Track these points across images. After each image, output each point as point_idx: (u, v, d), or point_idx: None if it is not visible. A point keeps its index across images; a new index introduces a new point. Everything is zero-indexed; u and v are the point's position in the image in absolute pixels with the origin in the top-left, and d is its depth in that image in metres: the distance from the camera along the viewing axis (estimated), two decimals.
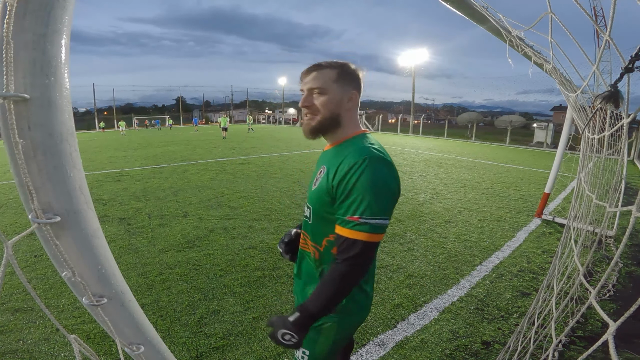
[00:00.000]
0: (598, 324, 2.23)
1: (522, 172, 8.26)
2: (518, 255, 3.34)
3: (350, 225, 0.81)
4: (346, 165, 0.85)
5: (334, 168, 0.88)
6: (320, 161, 1.03)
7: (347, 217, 0.82)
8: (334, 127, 0.95)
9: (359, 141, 0.92)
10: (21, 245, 3.33)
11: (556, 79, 2.90)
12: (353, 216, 0.81)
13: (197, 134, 21.82)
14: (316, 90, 0.92)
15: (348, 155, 0.87)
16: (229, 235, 3.70)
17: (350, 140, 0.95)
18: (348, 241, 0.82)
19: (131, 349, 0.48)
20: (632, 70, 0.94)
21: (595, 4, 23.97)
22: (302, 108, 0.96)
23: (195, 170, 7.80)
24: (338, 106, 0.93)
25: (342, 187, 0.84)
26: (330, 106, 0.92)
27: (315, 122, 0.94)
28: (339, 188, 0.85)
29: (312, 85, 0.92)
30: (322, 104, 0.92)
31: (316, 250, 0.97)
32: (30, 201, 0.34)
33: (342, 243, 0.83)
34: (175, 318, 2.23)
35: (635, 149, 11.36)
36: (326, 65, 0.93)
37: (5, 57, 0.30)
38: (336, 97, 0.93)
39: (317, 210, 0.94)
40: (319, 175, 0.95)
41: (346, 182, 0.83)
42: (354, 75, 0.95)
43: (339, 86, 0.93)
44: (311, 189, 0.98)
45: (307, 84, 0.93)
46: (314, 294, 0.84)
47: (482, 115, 26.87)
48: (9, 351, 1.91)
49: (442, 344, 2.02)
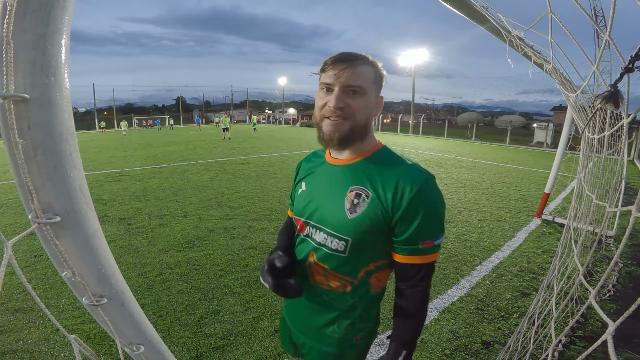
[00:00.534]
0: (598, 324, 2.23)
1: (522, 172, 8.26)
2: (518, 255, 3.34)
3: (428, 251, 0.77)
4: (408, 191, 0.73)
5: (387, 192, 0.75)
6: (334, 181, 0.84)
7: (422, 244, 0.76)
8: (361, 137, 0.81)
9: (394, 157, 0.82)
10: (21, 245, 3.33)
11: (556, 79, 2.90)
12: (427, 241, 0.76)
13: (198, 134, 21.82)
14: (355, 88, 0.76)
15: (402, 177, 0.75)
16: (229, 235, 3.70)
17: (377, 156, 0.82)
18: (426, 266, 0.78)
19: (131, 349, 0.48)
20: (632, 70, 0.94)
21: (595, 4, 23.98)
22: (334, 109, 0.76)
23: (195, 170, 7.80)
24: (371, 112, 0.81)
25: (410, 214, 0.74)
26: (367, 111, 0.79)
27: (347, 128, 0.77)
28: (405, 216, 0.74)
29: (351, 83, 0.75)
30: (359, 108, 0.76)
31: (348, 284, 0.84)
32: (30, 201, 0.34)
33: (420, 270, 0.78)
34: (175, 318, 2.23)
35: (635, 149, 11.37)
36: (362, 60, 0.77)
37: (5, 57, 0.30)
38: (372, 101, 0.80)
39: (360, 241, 0.79)
40: (357, 200, 0.78)
41: (415, 208, 0.74)
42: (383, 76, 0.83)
43: (375, 88, 0.80)
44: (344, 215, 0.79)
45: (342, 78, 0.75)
46: (407, 327, 0.81)
47: (482, 115, 26.85)
48: (9, 351, 1.91)
49: (442, 344, 2.02)
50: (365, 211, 0.76)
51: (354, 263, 0.82)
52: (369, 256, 0.81)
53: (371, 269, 0.83)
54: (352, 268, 0.82)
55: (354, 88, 0.75)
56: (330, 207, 0.82)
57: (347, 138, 0.78)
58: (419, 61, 27.55)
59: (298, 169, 1.02)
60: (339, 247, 0.80)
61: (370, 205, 0.76)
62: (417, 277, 0.79)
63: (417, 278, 0.79)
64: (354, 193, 0.79)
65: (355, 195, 0.78)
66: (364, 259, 0.82)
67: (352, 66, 0.75)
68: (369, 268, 0.83)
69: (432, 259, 0.78)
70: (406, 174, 0.76)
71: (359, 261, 0.82)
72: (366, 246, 0.79)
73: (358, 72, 0.75)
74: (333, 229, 0.81)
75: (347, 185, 0.80)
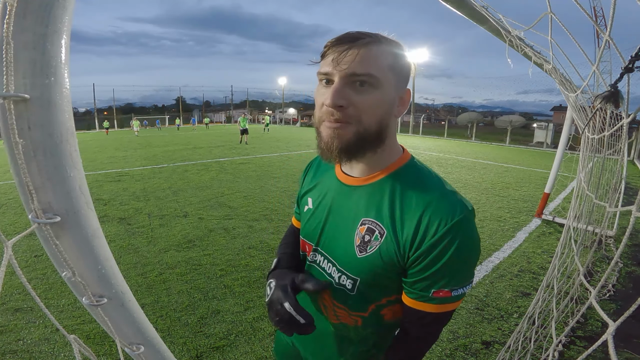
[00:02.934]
0: (598, 324, 2.23)
1: (522, 172, 8.26)
2: (518, 255, 3.34)
3: (437, 301, 0.59)
4: (435, 226, 0.55)
5: (406, 230, 0.58)
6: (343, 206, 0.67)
7: (433, 292, 0.58)
8: (373, 147, 0.60)
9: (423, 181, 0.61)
10: (21, 245, 3.33)
11: (556, 79, 2.90)
12: (441, 290, 0.58)
13: (196, 134, 21.82)
14: (362, 78, 0.54)
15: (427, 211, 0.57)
16: (229, 235, 3.70)
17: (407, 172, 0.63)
18: (432, 316, 0.60)
19: (131, 349, 0.48)
20: (632, 70, 0.94)
21: (595, 4, 23.98)
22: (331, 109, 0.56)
23: (195, 170, 7.80)
24: (389, 112, 0.59)
25: (430, 257, 0.56)
26: (380, 111, 0.57)
27: (350, 136, 0.57)
28: (423, 258, 0.57)
29: (355, 70, 0.54)
30: (368, 106, 0.56)
31: (358, 318, 0.70)
32: (30, 201, 0.34)
33: (423, 318, 0.61)
34: (175, 318, 2.23)
35: (635, 149, 11.37)
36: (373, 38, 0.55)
37: (5, 57, 0.30)
38: (389, 95, 0.57)
39: (370, 281, 0.64)
40: (369, 236, 0.61)
41: (439, 251, 0.56)
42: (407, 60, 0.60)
43: (395, 78, 0.57)
44: (353, 253, 0.64)
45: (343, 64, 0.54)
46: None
47: (482, 115, 26.90)
48: (9, 351, 1.91)
49: (442, 344, 2.02)
50: (376, 251, 0.61)
51: (363, 301, 0.67)
52: (381, 293, 0.67)
53: (383, 303, 0.68)
54: (360, 305, 0.68)
55: (361, 77, 0.54)
56: (338, 238, 0.67)
57: (350, 149, 0.58)
58: (419, 61, 27.54)
59: (305, 174, 0.84)
60: (347, 284, 0.66)
61: (384, 244, 0.60)
62: (419, 324, 0.63)
63: (419, 325, 0.63)
64: (365, 227, 0.62)
65: (367, 231, 0.62)
66: (375, 296, 0.67)
67: (358, 46, 0.54)
68: (380, 302, 0.68)
69: (445, 309, 0.60)
70: (437, 206, 0.57)
71: (369, 298, 0.67)
72: (377, 285, 0.65)
73: (367, 55, 0.54)
74: (341, 265, 0.67)
75: (359, 215, 0.63)
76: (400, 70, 0.59)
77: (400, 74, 0.59)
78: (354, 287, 0.66)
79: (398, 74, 0.58)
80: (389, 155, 0.64)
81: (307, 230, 0.75)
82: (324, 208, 0.71)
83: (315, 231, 0.72)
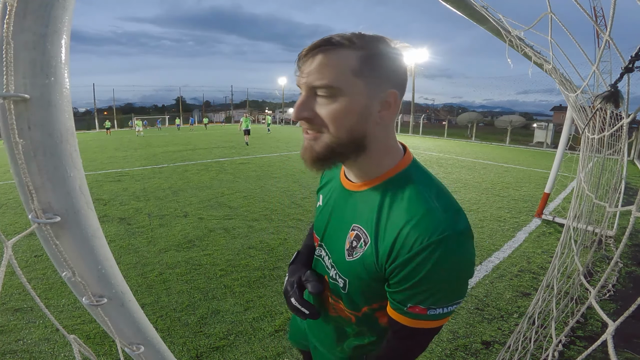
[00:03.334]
0: (598, 324, 2.23)
1: (522, 172, 8.26)
2: (518, 255, 3.34)
3: (412, 316, 0.58)
4: (408, 247, 0.53)
5: (386, 242, 0.57)
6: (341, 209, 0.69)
7: (409, 307, 0.57)
8: (355, 155, 0.59)
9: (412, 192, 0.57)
10: (21, 245, 3.33)
11: (556, 79, 2.90)
12: (417, 306, 0.56)
13: (195, 134, 21.82)
14: (321, 90, 0.53)
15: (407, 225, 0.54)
16: (229, 235, 3.70)
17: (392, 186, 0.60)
18: (408, 330, 0.59)
19: (131, 349, 0.48)
20: (632, 70, 0.94)
21: (595, 4, 23.98)
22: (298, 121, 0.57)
23: (195, 170, 7.80)
24: (363, 120, 0.55)
25: (402, 273, 0.55)
26: (344, 120, 0.54)
27: (322, 146, 0.56)
28: (396, 273, 0.56)
29: (313, 82, 0.53)
30: (332, 117, 0.53)
31: (352, 316, 0.72)
32: (30, 201, 0.34)
33: (401, 330, 0.61)
34: (175, 318, 2.23)
35: (635, 149, 11.36)
36: (340, 41, 0.52)
37: (5, 57, 0.30)
38: (358, 103, 0.53)
39: (358, 285, 0.65)
40: (356, 242, 0.63)
41: (411, 270, 0.54)
42: (387, 59, 0.54)
43: (363, 82, 0.53)
44: (342, 256, 0.66)
45: (304, 76, 0.54)
46: None
47: (482, 115, 26.88)
48: (9, 351, 1.91)
49: (442, 344, 2.02)
50: (360, 258, 0.62)
51: (355, 302, 0.69)
52: (371, 297, 0.67)
53: (375, 307, 0.68)
54: (353, 305, 0.70)
55: (320, 90, 0.53)
56: (335, 238, 0.69)
57: (322, 160, 0.57)
58: (419, 61, 27.54)
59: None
60: (340, 283, 0.69)
61: (366, 253, 0.60)
62: (398, 336, 0.63)
63: (397, 337, 0.63)
64: (354, 233, 0.63)
65: (355, 237, 0.63)
66: (365, 300, 0.68)
67: (315, 55, 0.52)
68: (372, 307, 0.68)
69: (421, 325, 0.58)
70: (418, 222, 0.54)
71: (360, 301, 0.68)
72: (365, 290, 0.66)
73: (324, 64, 0.51)
74: (335, 263, 0.69)
75: (352, 220, 0.64)
76: (376, 71, 0.53)
77: (376, 76, 0.54)
78: (345, 287, 0.68)
79: (371, 76, 0.53)
80: (384, 162, 0.61)
81: (316, 225, 0.79)
82: (329, 207, 0.74)
83: (321, 228, 0.75)
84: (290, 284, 0.76)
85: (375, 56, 0.53)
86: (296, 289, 0.74)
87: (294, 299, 0.73)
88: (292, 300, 0.74)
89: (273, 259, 3.11)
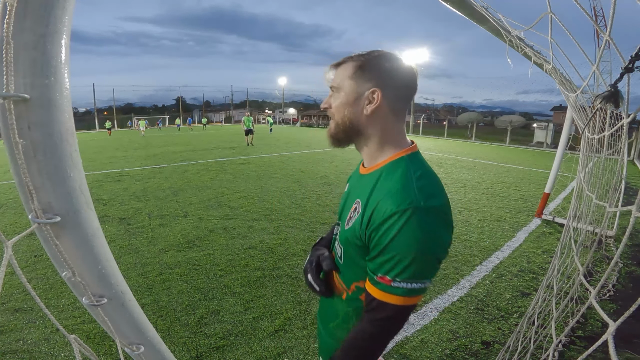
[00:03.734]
0: (598, 324, 2.23)
1: (522, 172, 8.26)
2: (518, 255, 3.34)
3: (381, 287, 0.65)
4: (381, 213, 0.63)
5: (369, 210, 0.67)
6: (354, 189, 0.82)
7: (378, 277, 0.65)
8: (356, 138, 0.76)
9: (398, 172, 0.68)
10: (21, 245, 3.33)
11: (556, 79, 2.90)
12: (384, 277, 0.63)
13: (194, 134, 21.82)
14: (332, 89, 0.77)
15: (385, 196, 0.65)
16: (229, 235, 3.70)
17: (387, 168, 0.72)
18: (376, 302, 0.66)
19: (131, 349, 0.48)
20: (632, 70, 0.94)
21: (595, 4, 23.98)
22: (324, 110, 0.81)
23: (195, 170, 7.80)
24: (352, 110, 0.73)
25: (375, 239, 0.65)
26: (341, 109, 0.74)
27: (332, 128, 0.78)
28: (371, 239, 0.66)
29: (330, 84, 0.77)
30: (335, 106, 0.75)
31: (344, 292, 0.81)
32: (30, 201, 0.34)
33: (371, 302, 0.67)
34: (175, 318, 2.23)
35: (635, 149, 11.36)
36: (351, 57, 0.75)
37: (5, 57, 0.30)
38: (348, 97, 0.73)
39: (349, 253, 0.76)
40: (353, 213, 0.74)
41: (380, 235, 0.63)
42: (374, 66, 0.71)
43: (354, 83, 0.72)
44: (344, 226, 0.78)
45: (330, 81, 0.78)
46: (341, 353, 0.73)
47: (482, 115, 26.89)
48: (9, 351, 1.91)
49: (442, 344, 2.02)
50: (352, 226, 0.73)
51: (347, 274, 0.79)
52: (357, 273, 0.75)
53: (361, 287, 0.74)
54: (346, 278, 0.79)
55: (332, 89, 0.77)
56: (345, 214, 0.81)
57: (335, 138, 0.78)
58: (419, 61, 27.54)
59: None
60: (338, 253, 0.81)
61: (356, 221, 0.71)
62: (368, 308, 0.68)
63: (368, 309, 0.69)
64: (355, 207, 0.75)
65: (354, 209, 0.75)
66: (355, 273, 0.76)
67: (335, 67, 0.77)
68: (359, 284, 0.76)
69: (389, 299, 0.64)
70: (393, 193, 0.64)
71: (351, 274, 0.77)
72: (353, 260, 0.75)
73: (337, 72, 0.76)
74: (339, 234, 0.82)
75: (356, 196, 0.77)
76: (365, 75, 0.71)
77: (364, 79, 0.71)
78: (341, 256, 0.79)
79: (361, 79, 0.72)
80: (386, 150, 0.75)
81: (340, 206, 0.91)
82: (348, 190, 0.87)
83: (341, 208, 0.88)
84: (310, 262, 0.88)
85: (364, 64, 0.72)
86: (314, 267, 0.86)
87: (310, 275, 0.85)
88: (308, 276, 0.86)
89: (273, 259, 3.11)
